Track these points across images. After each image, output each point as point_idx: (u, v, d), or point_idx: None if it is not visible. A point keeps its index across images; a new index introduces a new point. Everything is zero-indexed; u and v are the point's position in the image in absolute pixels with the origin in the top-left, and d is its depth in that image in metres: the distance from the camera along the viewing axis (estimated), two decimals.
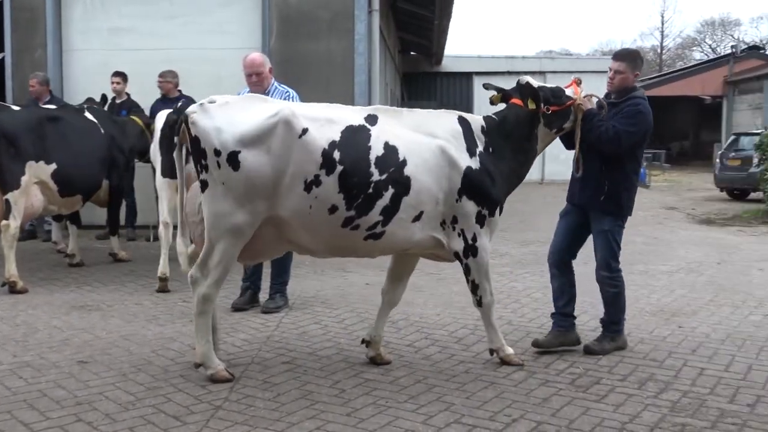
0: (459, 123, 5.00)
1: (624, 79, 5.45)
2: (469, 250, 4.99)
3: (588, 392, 4.60)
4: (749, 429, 4.05)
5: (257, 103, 4.66)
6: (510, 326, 6.14)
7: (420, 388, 4.64)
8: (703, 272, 8.55)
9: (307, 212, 4.55)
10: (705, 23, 61.31)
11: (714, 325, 6.19)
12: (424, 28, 18.21)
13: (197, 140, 4.48)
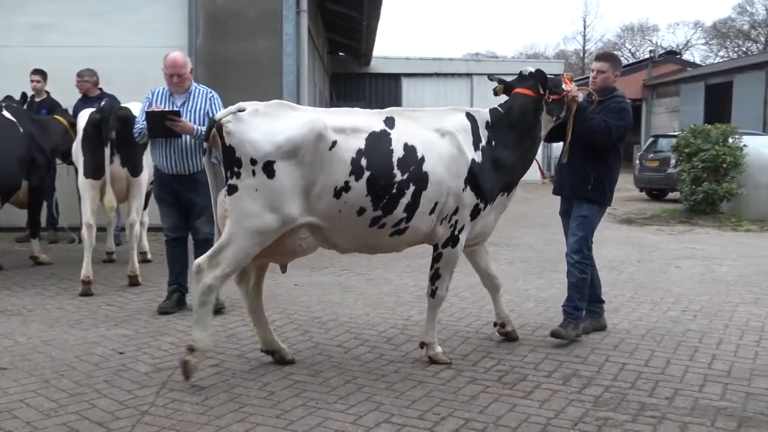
0: (467, 119, 5.27)
1: (606, 78, 5.89)
2: (450, 240, 5.19)
3: (514, 389, 4.68)
4: (668, 421, 4.19)
5: (287, 111, 4.78)
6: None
7: (350, 389, 4.65)
8: (624, 270, 8.80)
9: (337, 216, 4.78)
10: (625, 28, 63.15)
11: (634, 321, 6.37)
12: (352, 29, 18.23)
13: (232, 149, 4.58)
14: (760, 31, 55.82)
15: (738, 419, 4.22)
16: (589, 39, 62.41)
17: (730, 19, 57.58)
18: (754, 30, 56.20)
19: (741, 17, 56.78)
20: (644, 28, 62.33)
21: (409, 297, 7.26)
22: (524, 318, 6.44)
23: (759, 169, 13.69)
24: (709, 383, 4.82)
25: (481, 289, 7.54)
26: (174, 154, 6.37)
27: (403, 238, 5.07)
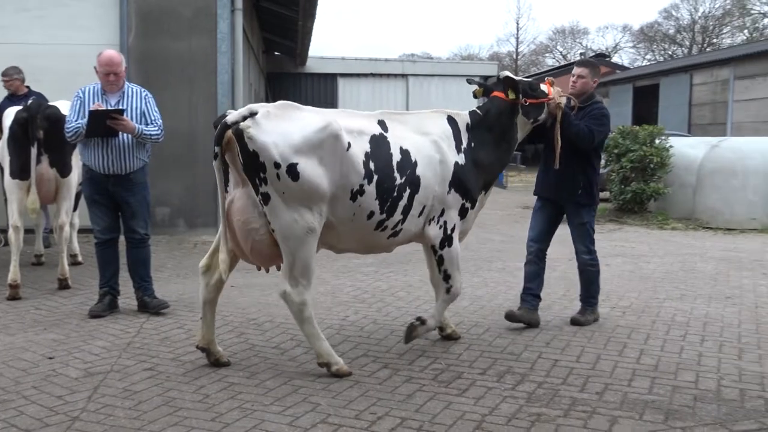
0: (449, 122, 5.47)
1: (585, 83, 6.19)
2: (445, 241, 5.39)
3: (450, 387, 4.73)
4: (598, 415, 4.28)
5: (295, 112, 4.74)
6: (375, 325, 6.21)
7: (286, 390, 4.62)
8: (556, 268, 8.95)
9: (350, 219, 4.88)
10: (557, 31, 64.33)
11: (566, 318, 6.49)
12: (288, 28, 18.12)
13: (255, 155, 4.51)
14: (684, 35, 57.56)
15: (665, 412, 4.34)
16: (521, 41, 63.41)
17: (657, 23, 59.25)
18: (679, 34, 57.94)
19: (667, 22, 58.49)
20: (575, 31, 63.64)
21: (345, 297, 7.25)
22: (459, 316, 6.50)
23: (684, 169, 14.10)
24: (637, 377, 4.95)
25: (417, 288, 7.62)
26: (111, 153, 6.25)
27: (397, 240, 5.25)
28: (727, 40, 55.32)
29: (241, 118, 4.54)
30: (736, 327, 6.28)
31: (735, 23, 56.05)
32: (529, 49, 65.00)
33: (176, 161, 10.42)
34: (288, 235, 4.63)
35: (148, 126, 6.34)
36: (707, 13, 56.15)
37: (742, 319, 6.53)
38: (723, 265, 9.34)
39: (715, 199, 13.35)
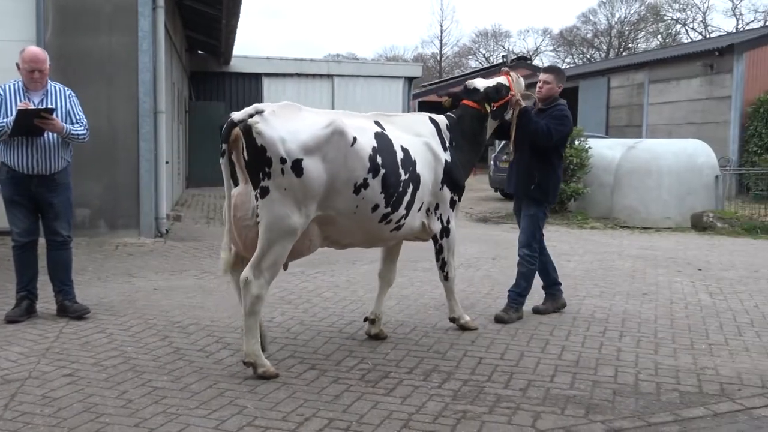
0: (431, 123, 5.84)
1: (551, 88, 6.58)
2: (444, 232, 5.84)
3: (377, 386, 4.74)
4: (522, 411, 4.37)
5: (297, 112, 4.91)
6: (302, 326, 6.18)
7: (211, 393, 4.56)
8: (480, 267, 9.09)
9: (353, 212, 5.04)
10: (479, 34, 65.28)
11: (490, 316, 6.59)
12: (211, 27, 17.85)
13: (263, 149, 4.64)
14: (602, 39, 59.18)
15: (585, 406, 4.46)
16: (445, 43, 64.18)
17: (576, 27, 60.81)
18: (597, 38, 59.54)
19: (585, 26, 60.07)
20: (497, 34, 64.69)
21: (271, 299, 7.19)
22: (386, 316, 6.52)
23: (602, 169, 14.51)
24: (559, 373, 5.07)
25: (343, 289, 7.62)
26: (36, 153, 6.06)
27: (399, 234, 5.50)
28: (642, 45, 57.15)
29: (248, 116, 4.66)
30: (652, 323, 6.49)
31: (649, 29, 57.98)
32: (452, 51, 65.84)
33: (96, 161, 10.14)
34: (272, 228, 4.72)
35: (74, 125, 6.17)
36: (623, 18, 57.93)
37: (658, 315, 6.76)
38: (640, 263, 9.64)
39: (631, 198, 13.78)
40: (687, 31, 55.69)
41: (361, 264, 9.19)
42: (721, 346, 5.81)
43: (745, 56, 21.10)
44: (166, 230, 11.02)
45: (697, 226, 13.31)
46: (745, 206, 15.42)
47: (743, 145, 20.77)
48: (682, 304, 7.25)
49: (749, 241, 12.13)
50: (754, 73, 21.09)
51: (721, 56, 21.41)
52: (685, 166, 13.86)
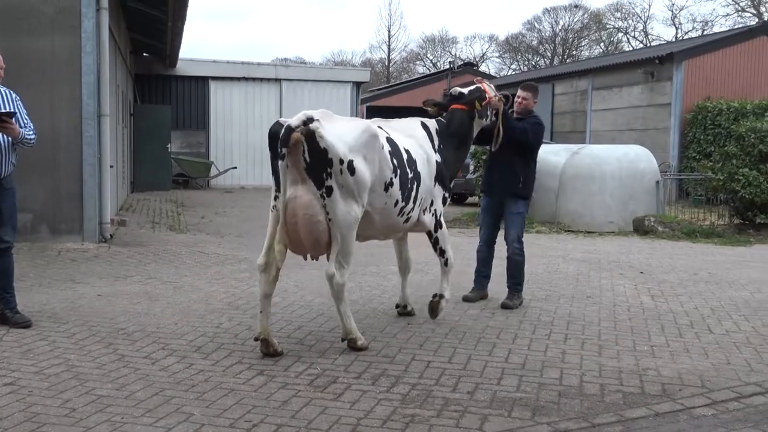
0: (423, 128, 6.43)
1: (528, 103, 7.45)
2: (437, 225, 6.43)
3: (325, 392, 4.73)
4: (469, 414, 4.40)
5: (335, 119, 5.43)
6: (250, 332, 6.12)
7: (157, 401, 4.49)
8: (429, 272, 9.12)
9: (383, 207, 5.69)
10: (427, 39, 65.74)
11: (438, 320, 6.63)
12: (157, 29, 17.62)
13: (325, 151, 5.15)
14: (547, 46, 60.13)
15: (532, 408, 4.51)
16: (393, 48, 64.37)
17: (521, 34, 61.62)
18: (542, 46, 60.45)
19: (530, 33, 60.95)
20: (444, 40, 65.22)
21: (219, 304, 7.12)
22: (335, 321, 6.51)
23: (547, 174, 14.70)
24: (506, 376, 5.12)
25: (292, 293, 7.58)
26: None
27: (407, 225, 6.12)
28: (585, 53, 58.22)
29: (302, 123, 5.10)
30: (596, 325, 6.60)
31: (592, 37, 59.10)
32: (400, 56, 66.10)
33: (38, 165, 9.91)
34: (343, 223, 5.29)
35: (23, 129, 6.01)
36: (567, 26, 58.97)
37: (601, 318, 6.88)
38: (584, 267, 9.80)
39: (576, 203, 14.01)
40: (628, 40, 56.99)
41: (309, 268, 9.14)
42: (663, 347, 5.94)
43: (684, 64, 21.65)
44: (110, 235, 10.83)
45: (639, 230, 13.59)
46: (685, 211, 15.81)
47: (683, 151, 21.30)
48: (624, 306, 7.39)
49: (689, 244, 12.43)
50: (693, 80, 21.66)
51: (661, 64, 21.93)
52: (628, 171, 14.16)
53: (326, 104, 23.30)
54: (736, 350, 5.88)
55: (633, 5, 58.93)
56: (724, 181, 13.80)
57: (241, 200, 18.63)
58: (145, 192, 19.42)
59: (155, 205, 16.53)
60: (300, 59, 64.74)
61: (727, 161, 14.04)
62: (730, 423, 4.38)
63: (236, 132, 23.13)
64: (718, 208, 15.42)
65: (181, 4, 14.53)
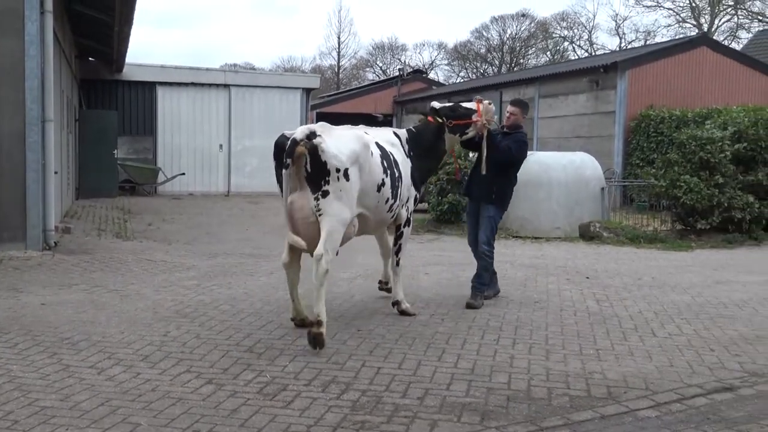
0: (395, 136, 7.21)
1: (516, 118, 7.92)
2: (407, 222, 7.22)
3: (275, 399, 4.70)
4: (419, 420, 4.41)
5: (337, 131, 6.26)
6: (198, 340, 6.05)
7: (103, 411, 4.40)
8: (378, 278, 9.12)
9: (376, 206, 6.55)
10: (376, 46, 65.78)
11: (388, 326, 6.65)
12: (103, 33, 17.32)
13: (325, 162, 5.93)
14: (495, 54, 60.75)
15: (481, 413, 4.55)
16: (343, 55, 64.32)
17: (470, 42, 62.14)
18: (490, 54, 61.07)
19: (478, 41, 61.50)
20: (394, 48, 65.37)
21: (167, 313, 7.02)
22: (285, 329, 6.48)
23: None
24: (455, 381, 5.15)
25: (241, 301, 7.52)
26: None
27: (392, 220, 6.99)
28: (532, 61, 59.02)
29: (305, 136, 5.86)
30: (543, 329, 6.68)
31: (539, 45, 59.96)
32: (350, 63, 66.08)
33: None
34: (332, 219, 5.97)
35: None
36: (514, 35, 59.69)
37: (548, 322, 6.97)
38: (531, 272, 9.92)
39: (523, 209, 14.14)
40: (574, 49, 57.92)
41: (258, 276, 9.09)
42: (608, 350, 6.04)
43: (628, 74, 22.08)
44: (55, 243, 10.59)
45: (585, 235, 13.81)
46: (629, 216, 16.10)
47: (627, 158, 21.69)
48: (571, 311, 7.50)
49: (633, 249, 12.66)
50: (636, 89, 22.10)
51: (606, 73, 22.32)
52: (574, 178, 14.37)
53: (276, 111, 23.20)
54: (678, 353, 6.01)
55: (578, 15, 60.07)
56: (666, 187, 14.08)
57: (190, 207, 18.41)
58: (90, 199, 19.06)
59: (101, 212, 16.23)
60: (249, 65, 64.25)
61: (669, 168, 14.34)
62: (673, 424, 4.48)
63: (184, 138, 22.85)
64: (661, 214, 15.73)
65: (128, 8, 14.31)
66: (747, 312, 7.58)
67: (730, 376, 5.42)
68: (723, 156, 13.73)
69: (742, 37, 48.06)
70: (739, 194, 13.57)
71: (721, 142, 13.84)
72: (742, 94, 22.31)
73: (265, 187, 22.30)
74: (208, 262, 10.13)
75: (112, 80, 22.67)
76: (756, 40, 36.84)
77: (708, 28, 47.06)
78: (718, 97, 21.76)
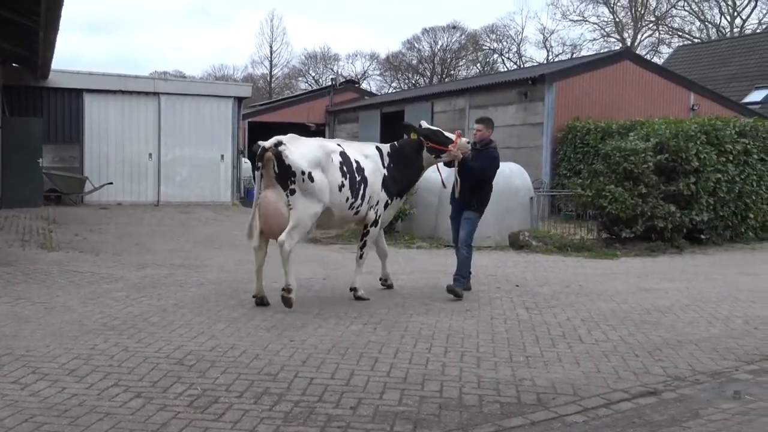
0: (376, 149, 8.60)
1: (483, 134, 9.11)
2: (374, 223, 8.47)
3: (206, 412, 4.63)
4: (352, 430, 4.41)
5: (301, 141, 7.78)
6: (127, 353, 5.91)
7: (27, 428, 4.27)
8: (311, 288, 9.10)
9: (338, 203, 7.94)
10: (309, 56, 65.68)
11: (321, 336, 6.62)
12: (27, 39, 16.81)
13: (289, 166, 7.53)
14: (426, 65, 61.36)
15: (414, 422, 4.57)
16: (276, 64, 64.05)
17: (401, 53, 62.61)
18: (421, 65, 61.64)
19: (410, 53, 62.05)
20: (326, 57, 65.40)
21: (94, 325, 6.84)
22: (216, 339, 6.39)
23: (427, 190, 14.94)
24: (388, 390, 5.16)
25: (171, 313, 7.39)
26: None
27: (357, 217, 8.33)
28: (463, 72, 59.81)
29: (274, 145, 7.52)
30: (474, 338, 6.76)
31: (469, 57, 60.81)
32: (282, 73, 65.82)
33: None
34: (299, 212, 7.57)
35: None
36: (445, 46, 60.41)
37: (479, 330, 7.05)
38: None
39: None
40: (503, 61, 58.97)
41: (189, 287, 8.95)
42: (537, 357, 6.15)
43: (555, 86, 22.55)
44: None
45: (515, 244, 14.02)
46: (557, 226, 16.42)
47: (554, 169, 22.13)
48: (501, 319, 7.61)
49: (561, 258, 12.93)
50: (563, 101, 22.58)
51: (534, 85, 22.76)
52: (503, 187, 14.53)
53: (207, 120, 22.91)
54: (605, 359, 6.16)
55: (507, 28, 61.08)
56: (592, 197, 14.44)
57: (118, 217, 18.01)
58: (14, 208, 18.44)
59: (25, 223, 15.72)
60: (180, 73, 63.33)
61: (594, 178, 14.70)
62: (599, 429, 4.58)
63: (112, 146, 22.34)
64: (588, 223, 16.09)
65: (53, 15, 13.93)
66: (670, 318, 7.82)
67: (654, 381, 5.58)
68: (646, 167, 14.13)
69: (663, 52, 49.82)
70: (662, 204, 13.98)
71: (644, 153, 14.23)
72: (663, 106, 22.99)
73: (195, 196, 22.02)
74: (137, 273, 9.92)
75: (38, 87, 22.02)
76: (676, 54, 38.24)
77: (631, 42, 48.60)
78: (641, 110, 22.35)
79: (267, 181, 7.68)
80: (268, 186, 7.66)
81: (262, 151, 7.52)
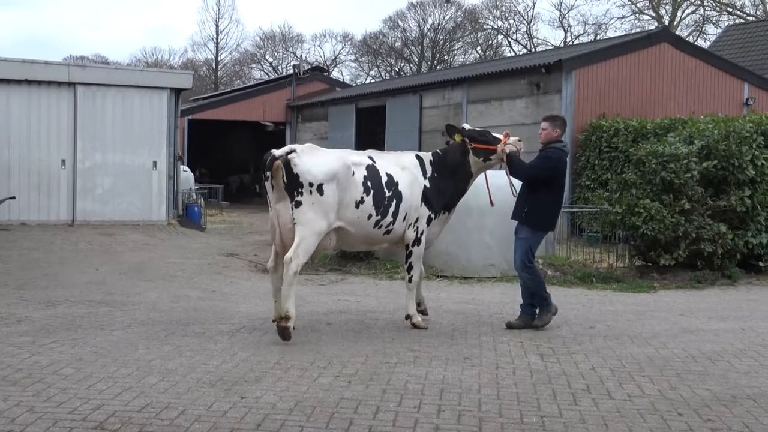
0: (416, 158, 9.51)
1: (548, 133, 9.68)
2: (416, 241, 9.33)
3: None
4: None
5: (318, 151, 8.86)
6: (33, 414, 5.85)
7: None
8: (268, 330, 9.05)
9: (356, 220, 8.83)
10: (265, 37, 65.84)
11: (281, 392, 6.58)
12: None
13: (298, 176, 8.42)
14: (413, 49, 61.57)
15: None
16: (222, 47, 64.23)
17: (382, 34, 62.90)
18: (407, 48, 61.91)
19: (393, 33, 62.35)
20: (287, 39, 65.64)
21: None
22: (146, 397, 6.34)
23: None
24: None
25: (90, 363, 7.33)
26: None
27: (389, 237, 9.20)
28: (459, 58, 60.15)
29: (285, 153, 8.43)
30: (475, 393, 6.75)
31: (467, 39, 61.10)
32: (232, 58, 66.01)
33: None
34: (304, 227, 8.40)
35: None
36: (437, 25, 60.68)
37: (482, 383, 7.04)
38: (460, 320, 10.02)
39: (449, 242, 14.12)
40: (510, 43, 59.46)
41: (112, 330, 8.89)
42: (555, 418, 6.14)
43: (575, 75, 22.47)
44: None
45: None
46: (578, 250, 16.49)
47: (575, 179, 21.99)
48: (509, 368, 7.61)
49: (583, 291, 12.97)
50: (585, 94, 22.53)
51: (549, 74, 22.71)
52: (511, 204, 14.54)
53: (136, 117, 22.81)
54: (640, 419, 6.17)
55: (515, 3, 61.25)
56: (622, 214, 14.46)
57: (22, 240, 17.88)
58: None
59: None
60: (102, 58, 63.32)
61: (625, 191, 14.73)
62: None
63: (15, 151, 22.18)
64: (617, 247, 16.15)
65: None
66: (720, 367, 7.86)
67: None
68: (689, 176, 14.17)
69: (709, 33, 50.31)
70: (709, 223, 14.01)
71: (686, 160, 14.28)
72: (710, 101, 23.15)
73: (121, 214, 21.83)
74: (45, 312, 9.85)
75: None
76: (726, 36, 38.47)
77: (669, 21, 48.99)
78: (683, 105, 22.46)
79: (279, 194, 8.59)
80: (280, 199, 8.60)
81: (271, 160, 8.43)
